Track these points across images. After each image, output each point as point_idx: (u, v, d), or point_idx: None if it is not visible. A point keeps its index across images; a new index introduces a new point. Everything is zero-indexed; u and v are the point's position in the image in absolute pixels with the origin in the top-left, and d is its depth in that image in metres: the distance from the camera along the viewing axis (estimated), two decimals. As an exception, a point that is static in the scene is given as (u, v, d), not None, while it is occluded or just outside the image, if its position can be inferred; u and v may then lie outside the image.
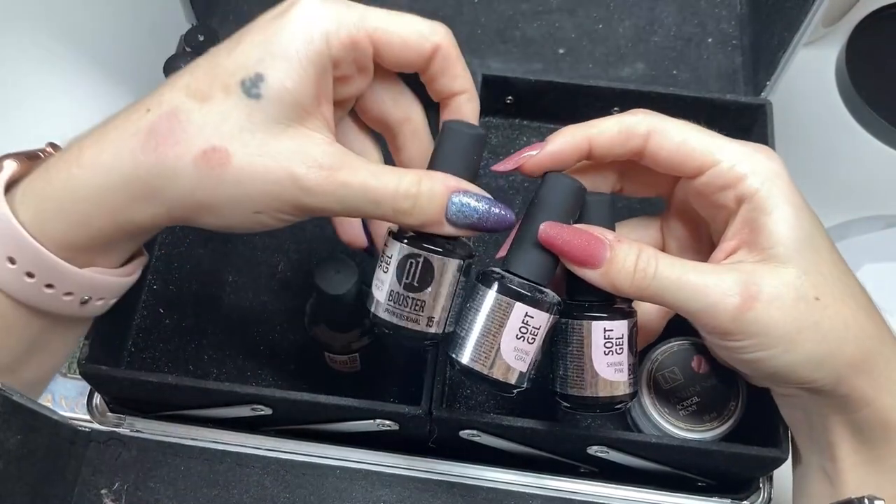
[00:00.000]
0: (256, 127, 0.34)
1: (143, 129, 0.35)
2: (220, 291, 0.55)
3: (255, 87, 0.34)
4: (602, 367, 0.39)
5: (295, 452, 0.50)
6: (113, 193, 0.35)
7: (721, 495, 0.50)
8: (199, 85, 0.35)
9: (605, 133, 0.40)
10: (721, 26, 0.63)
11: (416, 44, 0.37)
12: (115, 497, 0.48)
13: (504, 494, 0.49)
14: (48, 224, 0.36)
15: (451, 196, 0.36)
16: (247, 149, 0.34)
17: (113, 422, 0.51)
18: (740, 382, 0.48)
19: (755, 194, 0.38)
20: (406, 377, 0.52)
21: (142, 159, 0.34)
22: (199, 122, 0.34)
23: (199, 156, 0.34)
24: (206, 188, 0.34)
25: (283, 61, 0.34)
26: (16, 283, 0.36)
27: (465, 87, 0.40)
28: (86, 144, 0.36)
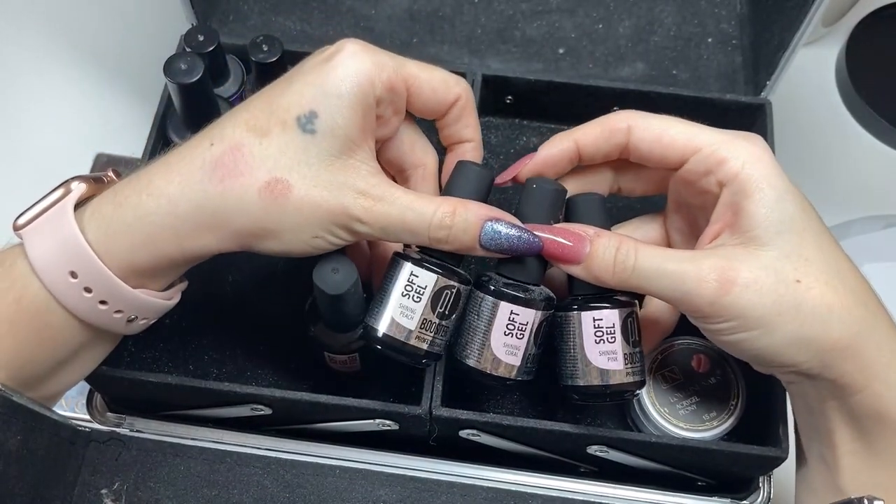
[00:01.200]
0: (312, 159, 0.38)
1: (208, 161, 0.38)
2: (220, 291, 0.55)
3: (310, 122, 0.38)
4: (594, 355, 0.41)
5: (295, 452, 0.50)
6: (181, 221, 0.38)
7: (721, 495, 0.50)
8: (258, 121, 0.38)
9: (589, 134, 0.43)
10: (721, 26, 0.63)
11: (443, 92, 0.42)
12: (115, 497, 0.48)
13: (504, 494, 0.49)
14: (114, 245, 0.39)
15: (485, 224, 0.39)
16: (304, 180, 0.38)
17: (113, 422, 0.51)
18: (740, 382, 0.48)
19: (736, 177, 0.39)
20: (406, 377, 0.52)
21: (209, 190, 0.38)
22: (260, 155, 0.38)
23: (263, 187, 0.37)
24: (271, 216, 0.38)
25: (334, 99, 0.38)
26: (74, 297, 0.39)
27: (474, 137, 0.44)
28: (154, 174, 0.39)
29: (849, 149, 0.71)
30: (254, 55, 0.52)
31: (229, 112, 0.40)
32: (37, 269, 0.38)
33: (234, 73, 0.56)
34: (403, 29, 0.62)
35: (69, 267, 0.38)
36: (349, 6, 0.63)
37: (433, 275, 0.40)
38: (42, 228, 0.39)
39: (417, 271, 0.40)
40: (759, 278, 0.37)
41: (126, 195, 0.39)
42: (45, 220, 0.39)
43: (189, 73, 0.49)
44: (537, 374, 0.52)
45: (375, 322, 0.41)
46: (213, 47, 0.53)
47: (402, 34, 0.62)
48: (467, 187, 0.41)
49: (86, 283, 0.39)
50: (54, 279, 0.39)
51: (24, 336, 0.40)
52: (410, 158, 0.45)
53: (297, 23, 0.63)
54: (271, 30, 0.62)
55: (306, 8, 0.63)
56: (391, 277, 0.41)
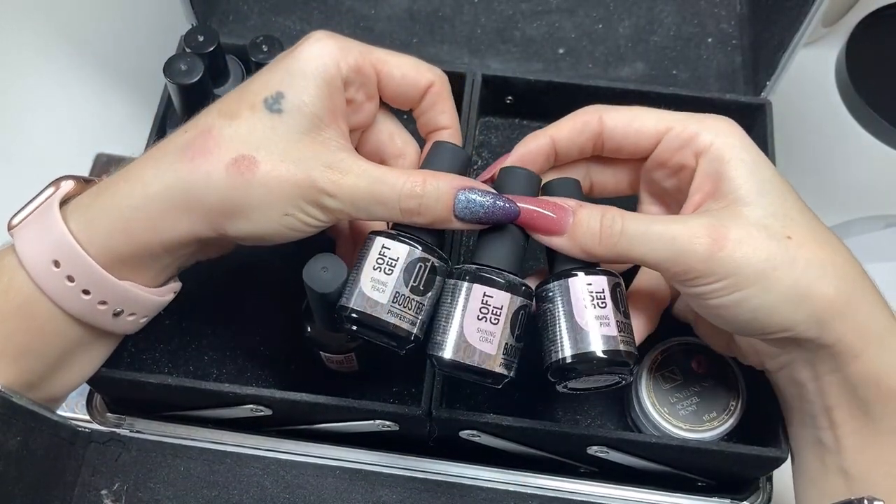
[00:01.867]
0: (279, 137, 0.38)
1: (180, 145, 0.39)
2: (220, 292, 0.55)
3: (277, 103, 0.38)
4: (585, 321, 0.38)
5: (295, 453, 0.50)
6: (153, 202, 0.39)
7: (721, 495, 0.50)
8: (229, 106, 0.39)
9: (563, 129, 0.43)
10: (721, 26, 0.63)
11: (414, 77, 0.42)
12: (115, 497, 0.48)
13: (504, 494, 0.49)
14: (93, 233, 0.39)
15: (458, 193, 0.38)
16: (271, 155, 0.38)
17: (113, 422, 0.51)
18: (741, 383, 0.48)
19: (710, 146, 0.40)
20: (406, 377, 0.52)
21: (179, 169, 0.38)
22: (229, 135, 0.38)
23: (230, 163, 0.38)
24: (238, 192, 0.38)
25: (300, 79, 0.39)
26: (56, 286, 0.39)
27: (450, 124, 0.44)
28: (133, 163, 0.40)
29: (849, 149, 0.71)
30: (254, 55, 0.52)
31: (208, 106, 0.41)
32: (22, 260, 0.39)
33: (234, 74, 0.56)
34: (403, 29, 0.62)
35: (52, 256, 0.39)
36: (349, 6, 0.63)
37: (405, 246, 0.39)
38: (29, 223, 0.40)
39: (389, 243, 0.39)
40: (751, 233, 0.37)
41: (105, 185, 0.40)
42: (33, 216, 0.40)
43: (189, 74, 0.49)
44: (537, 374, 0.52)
45: (347, 300, 0.39)
46: (213, 48, 0.53)
47: (402, 34, 0.62)
48: (442, 165, 0.41)
49: (68, 272, 0.39)
50: (38, 269, 0.39)
51: (14, 327, 0.40)
52: (390, 149, 0.45)
53: (297, 23, 0.63)
54: (271, 30, 0.62)
55: (306, 8, 0.63)
56: (363, 254, 0.40)
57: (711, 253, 0.37)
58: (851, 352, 0.38)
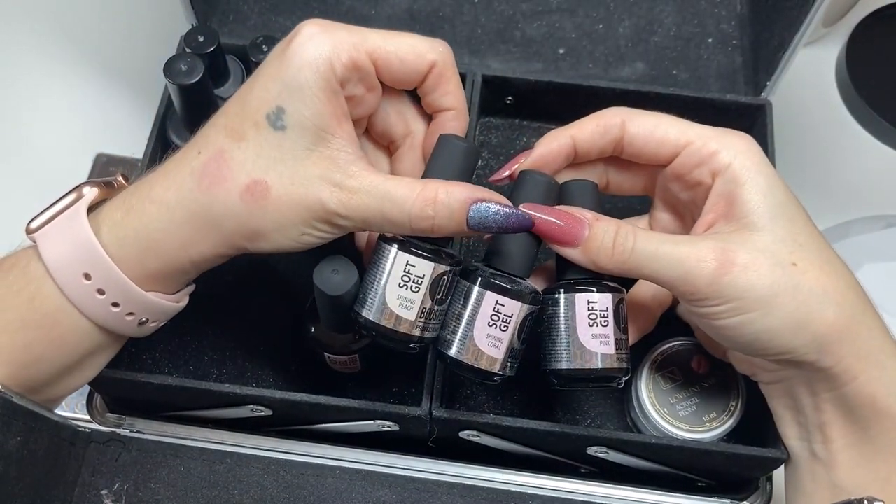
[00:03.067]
0: (287, 156, 0.38)
1: (196, 169, 0.39)
2: (220, 292, 0.55)
3: (279, 119, 0.38)
4: (587, 338, 0.40)
5: (295, 453, 0.50)
6: (179, 228, 0.39)
7: (721, 495, 0.50)
8: (233, 124, 0.39)
9: (585, 130, 0.43)
10: (721, 26, 0.63)
11: (413, 62, 0.40)
12: (115, 497, 0.48)
13: (504, 494, 0.49)
14: (125, 251, 0.40)
15: (471, 207, 0.38)
16: (281, 178, 0.38)
17: (113, 422, 0.51)
18: (740, 383, 0.48)
19: (728, 167, 0.40)
20: (406, 377, 0.52)
21: (199, 198, 0.38)
22: (239, 159, 0.38)
23: (244, 190, 0.38)
24: (254, 218, 0.38)
25: (297, 92, 0.37)
26: (87, 299, 0.40)
27: (454, 105, 0.42)
28: (155, 181, 0.40)
29: (849, 149, 0.71)
30: (254, 55, 0.52)
31: (213, 117, 0.40)
32: (51, 270, 0.39)
33: (234, 74, 0.56)
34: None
35: (83, 269, 0.39)
36: (349, 6, 0.63)
37: (430, 263, 0.39)
38: (55, 231, 0.40)
39: (413, 261, 0.39)
40: (757, 259, 0.38)
41: (132, 203, 0.40)
42: (58, 223, 0.40)
43: (189, 74, 0.49)
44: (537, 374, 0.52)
45: (374, 316, 0.39)
46: (213, 48, 0.53)
47: (402, 34, 0.62)
48: (450, 166, 0.40)
49: (99, 285, 0.39)
50: (68, 280, 0.39)
51: (34, 336, 0.40)
52: (399, 129, 0.44)
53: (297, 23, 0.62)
54: (271, 30, 0.62)
55: (306, 8, 0.63)
56: (381, 265, 0.39)
57: (717, 277, 0.38)
58: (849, 374, 0.39)
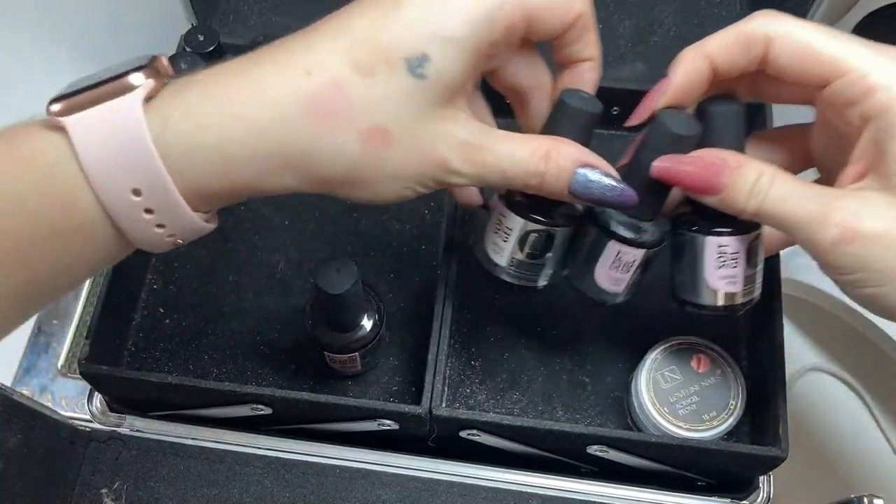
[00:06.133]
0: (416, 108, 0.34)
1: (305, 95, 0.33)
2: (220, 291, 0.55)
3: (421, 66, 0.34)
4: (714, 279, 0.40)
5: (295, 452, 0.50)
6: (267, 156, 0.34)
7: (721, 495, 0.50)
8: (361, 55, 0.34)
9: (725, 47, 0.38)
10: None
11: (563, 14, 0.37)
12: (115, 496, 0.48)
13: (504, 494, 0.49)
14: (189, 169, 0.33)
15: (577, 171, 0.37)
16: (406, 130, 0.34)
17: (113, 421, 0.51)
18: (740, 381, 0.48)
19: (886, 112, 0.34)
20: (406, 377, 0.52)
21: (305, 129, 0.33)
22: (363, 97, 0.34)
23: (364, 134, 0.34)
24: (367, 166, 0.35)
25: (448, 44, 0.34)
26: (129, 216, 0.34)
27: (594, 55, 0.40)
28: (238, 91, 0.34)
29: (849, 149, 0.71)
30: (254, 55, 0.52)
31: (320, 32, 0.35)
32: (93, 179, 0.32)
33: (235, 73, 0.56)
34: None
35: (134, 184, 0.33)
36: (349, 6, 0.63)
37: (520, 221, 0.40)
38: (99, 126, 0.32)
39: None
40: (890, 230, 0.34)
41: (207, 113, 0.33)
42: (103, 115, 0.32)
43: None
44: (537, 374, 0.52)
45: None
46: (213, 47, 0.53)
47: (403, 34, 0.62)
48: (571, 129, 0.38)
49: (149, 205, 0.33)
50: (114, 196, 0.33)
51: (62, 251, 0.34)
52: (528, 80, 0.40)
53: (297, 23, 0.62)
54: (271, 30, 0.62)
55: (306, 8, 0.63)
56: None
57: (837, 245, 0.34)
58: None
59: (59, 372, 0.54)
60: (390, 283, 0.55)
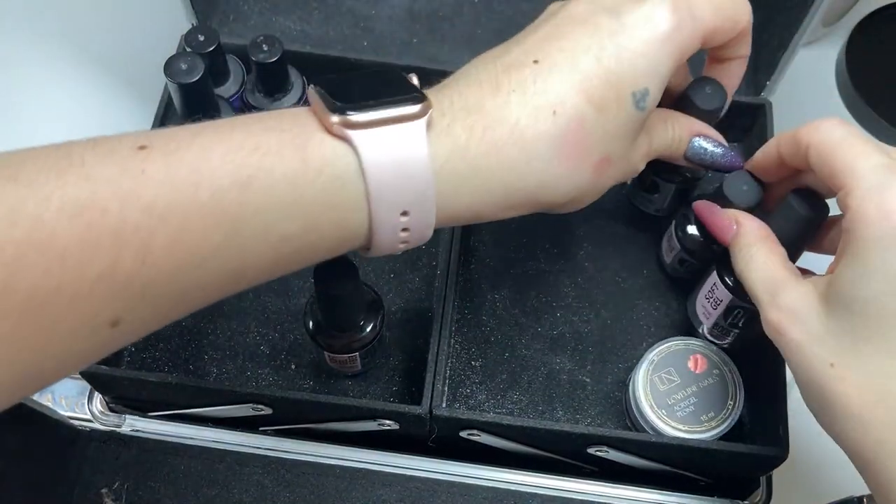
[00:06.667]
0: (632, 135, 0.38)
1: (555, 136, 0.35)
2: (220, 291, 0.55)
3: (643, 100, 0.37)
4: (698, 302, 0.50)
5: (295, 452, 0.50)
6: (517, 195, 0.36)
7: (721, 495, 0.50)
8: (595, 91, 0.35)
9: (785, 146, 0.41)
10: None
11: (732, 29, 0.40)
12: (115, 496, 0.48)
13: (504, 494, 0.49)
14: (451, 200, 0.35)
15: (693, 139, 0.43)
16: (623, 156, 0.38)
17: (113, 421, 0.51)
18: (737, 381, 0.48)
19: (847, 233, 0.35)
20: (406, 377, 0.52)
21: (553, 169, 0.35)
22: (599, 133, 0.36)
23: (594, 165, 0.37)
24: (589, 190, 0.38)
25: (658, 78, 0.37)
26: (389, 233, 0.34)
27: (746, 53, 0.44)
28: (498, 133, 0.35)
29: (849, 149, 0.71)
30: (254, 55, 0.52)
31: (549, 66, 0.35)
32: (373, 197, 0.32)
33: (235, 73, 0.56)
34: (403, 29, 0.62)
35: (406, 207, 0.33)
36: (349, 6, 0.63)
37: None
38: (390, 151, 0.32)
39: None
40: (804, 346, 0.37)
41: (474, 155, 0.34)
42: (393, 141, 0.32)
43: (189, 73, 0.49)
44: (537, 374, 0.52)
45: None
46: (214, 47, 0.53)
47: (402, 34, 0.62)
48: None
49: (408, 226, 0.34)
50: (385, 216, 0.33)
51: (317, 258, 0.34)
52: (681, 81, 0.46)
53: (297, 23, 0.63)
54: (271, 30, 0.62)
55: (306, 8, 0.63)
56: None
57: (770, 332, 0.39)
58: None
59: (59, 372, 0.54)
60: (390, 283, 0.55)
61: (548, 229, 0.57)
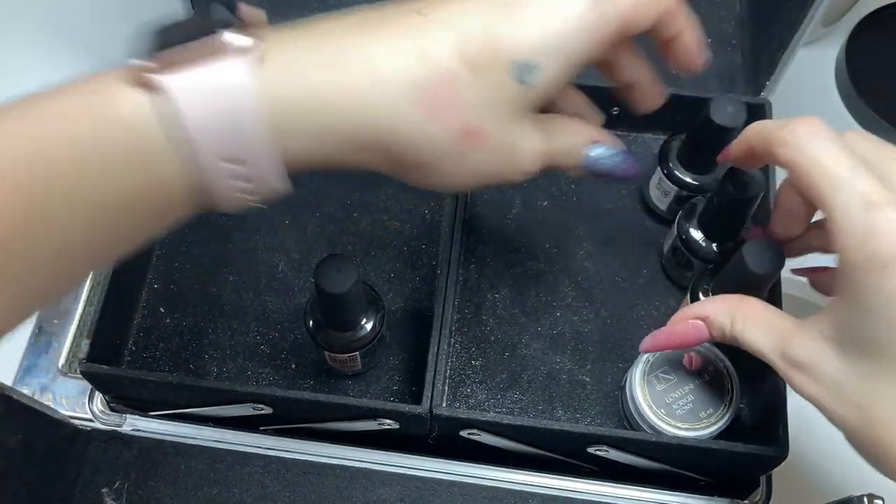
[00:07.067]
0: (514, 113, 0.35)
1: (418, 85, 0.33)
2: (220, 291, 0.55)
3: (529, 74, 0.34)
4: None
5: (295, 451, 0.50)
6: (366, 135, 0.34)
7: (721, 495, 0.50)
8: (472, 51, 0.33)
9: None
10: (721, 26, 0.63)
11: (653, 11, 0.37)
12: (115, 496, 0.48)
13: (504, 493, 0.49)
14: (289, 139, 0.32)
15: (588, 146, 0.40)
16: (498, 132, 0.35)
17: (114, 421, 0.51)
18: (732, 375, 0.48)
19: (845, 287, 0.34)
20: (406, 376, 0.52)
21: (411, 118, 0.33)
22: (469, 97, 0.34)
23: (461, 131, 0.34)
24: (451, 159, 0.35)
25: (560, 59, 0.34)
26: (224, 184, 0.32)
27: (686, 26, 0.40)
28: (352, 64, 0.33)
29: (849, 149, 0.71)
30: (254, 55, 0.52)
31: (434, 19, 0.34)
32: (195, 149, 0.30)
33: (235, 73, 0.56)
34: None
35: (238, 154, 0.31)
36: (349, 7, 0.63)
37: None
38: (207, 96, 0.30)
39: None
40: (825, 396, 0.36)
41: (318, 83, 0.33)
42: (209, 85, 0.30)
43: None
44: (537, 374, 0.52)
45: None
46: (214, 47, 0.53)
47: (403, 34, 0.62)
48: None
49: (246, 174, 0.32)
50: (213, 166, 0.31)
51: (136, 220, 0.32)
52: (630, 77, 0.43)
53: (298, 23, 0.63)
54: (272, 30, 0.62)
55: (306, 8, 0.63)
56: None
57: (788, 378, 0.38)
58: None
59: (59, 371, 0.54)
60: (390, 283, 0.55)
61: (548, 229, 0.57)
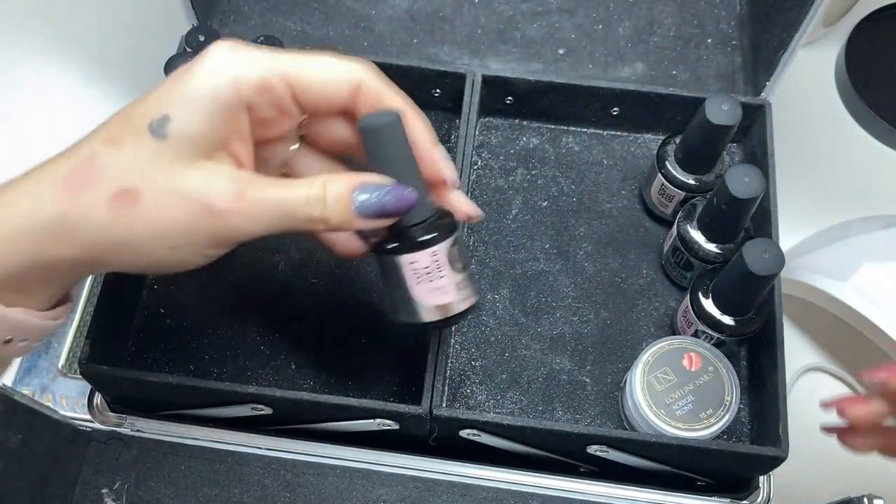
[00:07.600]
0: (164, 165, 0.36)
1: (61, 175, 0.36)
2: (220, 291, 0.55)
3: (161, 127, 0.35)
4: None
5: (295, 452, 0.50)
6: (31, 235, 0.36)
7: (721, 495, 0.50)
8: (113, 131, 0.36)
9: None
10: (721, 26, 0.63)
11: (335, 85, 0.38)
12: (115, 496, 0.48)
13: (504, 494, 0.49)
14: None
15: (353, 193, 0.37)
16: (156, 186, 0.36)
17: (113, 421, 0.51)
18: (732, 376, 0.48)
19: None
20: (406, 377, 0.52)
21: (60, 203, 0.35)
22: (111, 165, 0.36)
23: (112, 198, 0.35)
24: (120, 227, 0.36)
25: (187, 103, 0.36)
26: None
27: (401, 105, 0.40)
28: (7, 187, 0.37)
29: (848, 149, 0.71)
30: (254, 55, 0.52)
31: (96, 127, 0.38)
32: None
33: (235, 74, 0.56)
34: (403, 29, 0.62)
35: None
36: (349, 7, 0.63)
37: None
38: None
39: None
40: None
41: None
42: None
43: None
44: (537, 374, 0.52)
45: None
46: (214, 47, 0.53)
47: (402, 34, 0.62)
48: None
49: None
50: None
51: None
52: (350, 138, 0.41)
53: (298, 23, 0.63)
54: (271, 30, 0.62)
55: (307, 8, 0.63)
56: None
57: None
58: None
59: (59, 372, 0.54)
60: (390, 284, 0.55)
61: (548, 229, 0.57)
